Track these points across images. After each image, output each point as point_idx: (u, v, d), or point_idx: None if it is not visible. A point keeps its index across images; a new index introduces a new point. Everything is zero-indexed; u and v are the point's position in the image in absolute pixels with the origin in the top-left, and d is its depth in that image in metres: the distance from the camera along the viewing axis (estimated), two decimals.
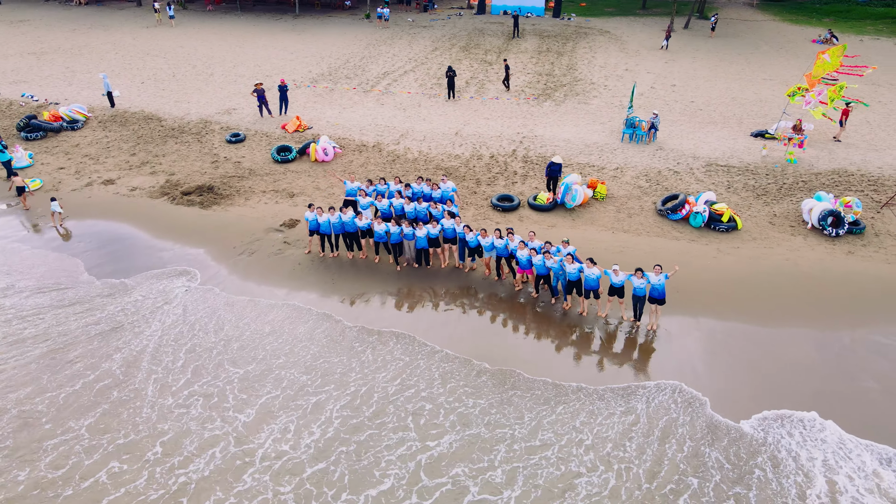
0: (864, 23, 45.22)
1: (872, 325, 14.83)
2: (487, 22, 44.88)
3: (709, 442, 11.46)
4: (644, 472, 10.88)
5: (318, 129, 24.98)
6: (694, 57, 36.13)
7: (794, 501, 10.31)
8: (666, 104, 28.04)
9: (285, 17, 46.14)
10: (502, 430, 11.78)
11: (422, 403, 12.37)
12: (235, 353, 13.66)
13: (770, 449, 11.28)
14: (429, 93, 29.61)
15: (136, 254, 17.36)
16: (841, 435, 11.59)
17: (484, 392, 12.73)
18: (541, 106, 28.07)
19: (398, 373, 13.18)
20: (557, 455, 11.22)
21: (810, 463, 10.98)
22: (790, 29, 43.46)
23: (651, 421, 11.95)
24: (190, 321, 14.67)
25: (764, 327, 14.58)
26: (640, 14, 48.66)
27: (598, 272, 14.47)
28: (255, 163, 22.56)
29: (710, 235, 18.33)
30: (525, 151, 23.18)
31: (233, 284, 16.11)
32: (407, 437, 11.54)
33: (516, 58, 35.66)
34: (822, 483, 10.61)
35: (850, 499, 10.31)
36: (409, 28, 42.61)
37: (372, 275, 16.68)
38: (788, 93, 23.90)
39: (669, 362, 13.58)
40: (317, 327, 14.58)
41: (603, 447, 11.39)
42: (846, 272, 16.83)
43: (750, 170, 21.73)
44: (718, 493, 10.44)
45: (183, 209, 19.73)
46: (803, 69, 33.59)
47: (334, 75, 32.24)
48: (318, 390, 12.65)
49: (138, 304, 15.17)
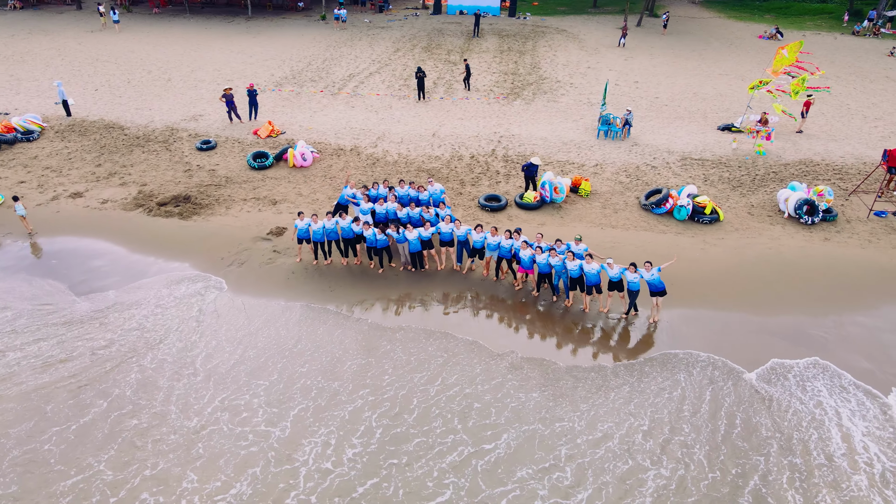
0: (804, 18, 47.34)
1: (857, 305, 15.56)
2: (445, 22, 44.87)
3: (748, 403, 11.83)
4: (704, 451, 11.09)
5: (291, 134, 24.43)
6: (651, 54, 37.05)
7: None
8: (632, 100, 28.64)
9: (237, 20, 44.96)
10: (561, 424, 11.78)
11: (468, 402, 12.21)
12: (254, 361, 13.22)
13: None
14: (398, 94, 29.38)
15: (118, 270, 16.54)
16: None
17: (532, 384, 12.73)
18: (511, 105, 28.24)
19: (436, 372, 12.99)
20: (620, 447, 11.31)
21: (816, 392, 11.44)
22: (736, 26, 45.10)
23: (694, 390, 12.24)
24: (200, 331, 14.12)
25: (759, 314, 15.06)
26: (593, 12, 49.58)
27: (597, 267, 14.65)
28: (231, 170, 21.88)
29: (695, 228, 18.81)
30: (504, 151, 23.27)
31: (227, 296, 15.56)
32: (458, 440, 11.33)
33: (479, 57, 35.78)
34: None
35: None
36: (368, 29, 42.18)
37: (368, 280, 16.41)
38: (751, 87, 24.79)
39: (687, 337, 14.15)
40: (335, 329, 14.32)
41: (661, 432, 11.60)
42: (826, 257, 17.57)
43: (723, 163, 22.44)
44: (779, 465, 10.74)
45: (161, 221, 18.94)
46: (754, 64, 35.00)
47: (298, 78, 31.60)
48: (352, 397, 12.32)
49: (139, 320, 14.47)
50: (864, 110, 28.08)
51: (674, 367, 13.39)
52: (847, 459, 11.12)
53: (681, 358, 13.68)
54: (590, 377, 13.15)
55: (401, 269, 16.83)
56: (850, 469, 10.93)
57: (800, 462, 11.07)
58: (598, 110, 27.23)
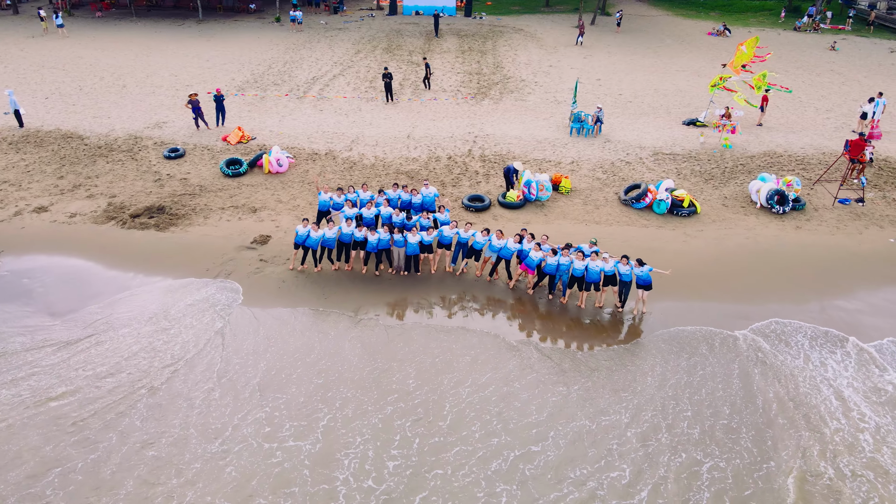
0: (746, 15, 49.25)
1: (833, 288, 16.31)
2: (402, 23, 44.70)
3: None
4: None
5: (262, 140, 23.89)
6: (609, 52, 37.85)
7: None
8: (597, 97, 29.18)
9: (188, 23, 43.65)
10: (607, 418, 11.91)
11: (505, 402, 12.15)
12: (268, 373, 12.90)
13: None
14: (365, 96, 29.11)
15: (98, 287, 15.80)
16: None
17: (569, 377, 12.90)
18: (480, 105, 28.37)
19: (465, 372, 12.92)
20: (670, 438, 11.52)
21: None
22: (685, 23, 46.54)
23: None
24: (202, 345, 13.66)
25: (743, 302, 15.60)
26: (546, 11, 50.29)
27: (601, 265, 14.89)
28: (204, 178, 21.23)
29: (674, 221, 19.32)
30: (481, 151, 23.36)
31: (229, 306, 15.10)
32: (502, 443, 11.24)
33: (441, 58, 35.82)
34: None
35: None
36: (325, 31, 41.62)
37: (362, 286, 16.19)
38: (712, 84, 25.66)
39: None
40: (348, 332, 14.14)
41: (705, 416, 11.90)
42: (800, 245, 18.35)
43: (693, 156, 23.12)
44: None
45: (137, 233, 18.22)
46: (707, 60, 36.21)
47: (260, 82, 30.92)
48: (379, 406, 12.11)
49: (134, 339, 13.86)
50: (814, 102, 29.41)
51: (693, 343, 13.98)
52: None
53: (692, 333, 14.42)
54: (621, 363, 13.52)
55: (393, 273, 16.67)
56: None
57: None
58: (565, 108, 27.66)
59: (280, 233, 18.28)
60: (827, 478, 10.77)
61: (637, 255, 15.35)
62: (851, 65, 35.75)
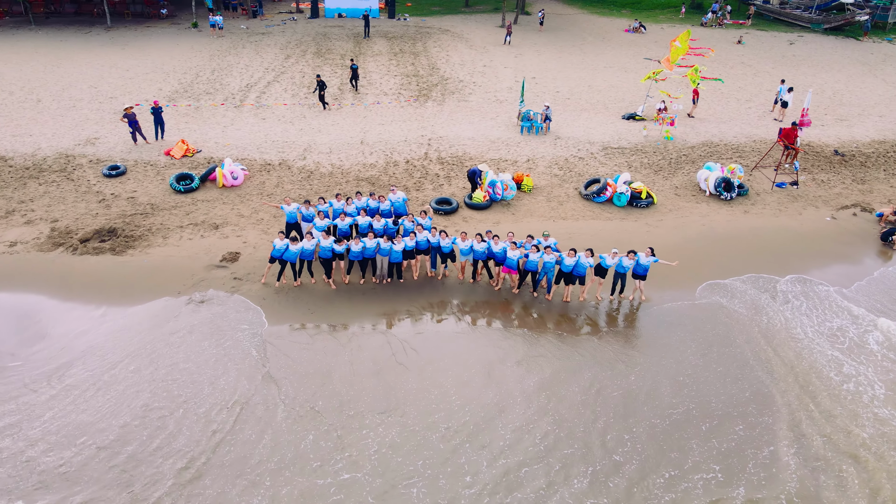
0: (655, 12, 51.77)
1: (788, 266, 17.57)
2: (327, 26, 43.87)
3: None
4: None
5: (208, 153, 22.83)
6: (537, 50, 38.78)
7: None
8: (536, 96, 29.86)
9: (95, 30, 40.91)
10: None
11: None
12: (296, 402, 12.39)
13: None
14: (306, 103, 28.40)
15: (61, 324, 14.59)
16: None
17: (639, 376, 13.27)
18: (424, 107, 28.36)
19: (501, 399, 12.74)
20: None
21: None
22: (601, 21, 48.37)
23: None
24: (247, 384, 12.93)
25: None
26: (467, 11, 50.80)
27: (591, 261, 15.30)
28: (153, 196, 20.05)
29: (635, 213, 20.14)
30: (437, 153, 23.38)
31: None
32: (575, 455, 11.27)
33: (374, 60, 35.49)
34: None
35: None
36: (247, 36, 40.19)
37: (345, 297, 15.87)
38: (645, 79, 26.82)
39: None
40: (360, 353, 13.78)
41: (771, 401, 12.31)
42: (750, 228, 19.62)
43: (640, 149, 24.15)
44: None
45: (91, 259, 16.97)
46: (629, 56, 37.87)
47: (191, 91, 29.50)
48: (438, 437, 11.77)
49: (146, 381, 12.90)
50: (734, 94, 31.41)
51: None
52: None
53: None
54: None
55: (376, 282, 16.43)
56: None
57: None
58: (509, 107, 28.16)
59: (249, 249, 17.59)
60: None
61: (608, 248, 15.82)
62: (758, 57, 38.42)
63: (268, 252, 17.05)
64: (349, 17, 46.22)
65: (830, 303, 15.99)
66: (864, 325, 15.14)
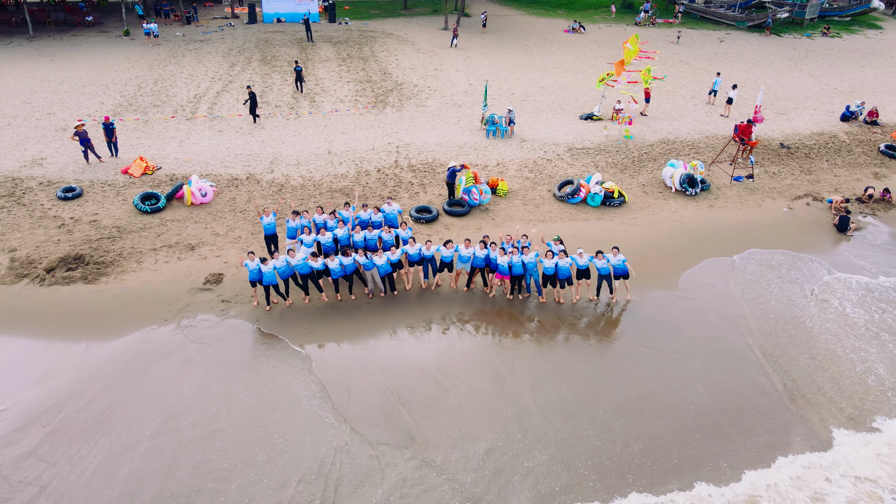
0: (589, 12, 53.20)
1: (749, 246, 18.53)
2: (267, 31, 42.77)
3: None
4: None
5: (169, 169, 21.87)
6: (485, 53, 39.16)
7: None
8: (493, 98, 30.16)
9: (17, 40, 38.36)
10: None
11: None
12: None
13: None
14: (263, 113, 27.60)
15: (34, 366, 13.64)
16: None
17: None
18: (384, 114, 28.16)
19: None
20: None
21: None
22: (540, 21, 49.31)
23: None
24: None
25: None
26: (406, 14, 50.68)
27: (568, 261, 15.61)
28: (118, 218, 19.03)
29: (610, 212, 20.70)
30: (407, 161, 23.27)
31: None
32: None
33: (324, 66, 34.91)
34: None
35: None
36: (185, 44, 38.66)
37: (343, 314, 15.58)
38: (600, 80, 27.57)
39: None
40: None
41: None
42: (717, 221, 20.54)
43: (603, 149, 24.82)
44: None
45: (62, 290, 15.94)
46: (574, 56, 38.83)
47: (136, 104, 28.15)
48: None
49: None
50: (678, 91, 32.75)
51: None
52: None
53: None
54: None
55: (370, 296, 16.21)
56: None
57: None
58: (468, 111, 28.36)
59: (231, 269, 16.98)
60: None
61: (592, 249, 16.15)
62: (694, 55, 40.19)
63: None
64: (288, 22, 45.30)
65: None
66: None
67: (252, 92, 26.09)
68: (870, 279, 17.66)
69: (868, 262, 18.49)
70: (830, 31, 47.02)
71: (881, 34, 48.19)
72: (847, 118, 28.47)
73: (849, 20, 50.64)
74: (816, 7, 48.91)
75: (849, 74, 37.30)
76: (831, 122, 28.63)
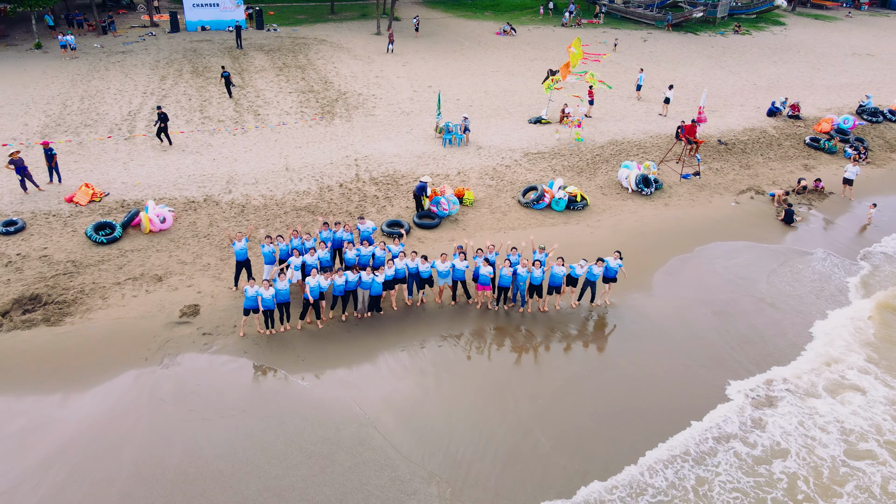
0: (516, 13, 54.17)
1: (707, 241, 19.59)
2: (192, 41, 40.98)
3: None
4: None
5: (118, 195, 20.66)
6: (422, 58, 39.16)
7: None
8: (443, 105, 30.23)
9: None
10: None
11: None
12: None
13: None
14: (205, 129, 26.55)
15: (12, 422, 12.63)
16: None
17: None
18: (333, 125, 27.69)
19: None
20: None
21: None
22: (470, 24, 49.76)
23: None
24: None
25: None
26: (334, 19, 49.89)
27: (563, 270, 15.97)
28: (70, 252, 17.80)
29: (575, 216, 21.27)
30: (368, 174, 23.01)
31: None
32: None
33: (261, 77, 33.88)
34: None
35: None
36: (106, 56, 36.48)
37: (332, 339, 15.27)
38: (546, 85, 28.25)
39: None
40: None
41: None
42: (675, 219, 21.57)
43: (557, 152, 25.43)
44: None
45: (24, 335, 14.77)
46: (510, 59, 39.50)
47: (65, 125, 26.35)
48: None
49: None
50: (615, 91, 33.88)
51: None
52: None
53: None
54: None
55: (359, 317, 15.97)
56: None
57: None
58: (419, 119, 28.34)
59: (206, 298, 16.28)
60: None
61: (565, 254, 16.60)
62: (622, 55, 41.75)
63: (229, 301, 16.04)
64: (214, 30, 43.63)
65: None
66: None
67: (162, 113, 24.34)
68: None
69: (815, 248, 19.95)
70: (742, 29, 50.01)
71: (785, 31, 51.75)
72: (773, 113, 30.46)
73: (755, 17, 54.05)
74: (726, 6, 51.91)
75: (764, 70, 39.86)
76: (759, 118, 30.53)
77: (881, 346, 15.68)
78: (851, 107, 32.51)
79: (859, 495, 11.65)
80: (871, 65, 42.81)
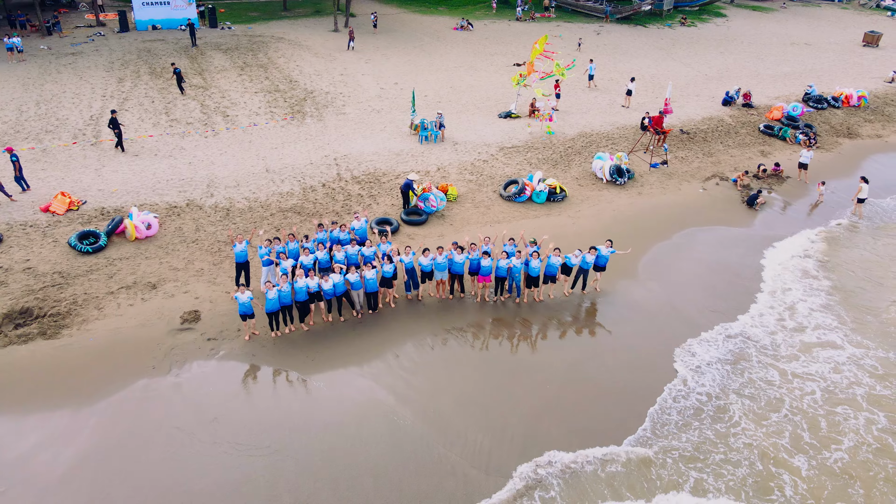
0: (469, 8, 54.62)
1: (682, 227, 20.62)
2: (144, 40, 39.79)
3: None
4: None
5: (95, 202, 20.17)
6: (384, 55, 39.18)
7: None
8: (407, 102, 30.47)
9: None
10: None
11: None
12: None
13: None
14: (176, 132, 26.04)
15: (15, 447, 12.39)
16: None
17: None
18: (305, 125, 27.58)
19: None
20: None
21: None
22: (427, 20, 49.95)
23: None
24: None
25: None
26: (288, 16, 49.24)
27: (559, 260, 16.59)
28: (55, 263, 17.34)
29: (557, 207, 21.96)
30: (349, 173, 23.11)
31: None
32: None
33: (223, 77, 33.31)
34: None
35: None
36: (55, 58, 35.09)
37: (339, 338, 15.49)
38: (515, 82, 28.82)
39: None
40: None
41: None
42: (650, 207, 22.51)
43: (531, 146, 26.09)
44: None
45: (20, 350, 14.41)
46: (470, 54, 39.97)
47: (24, 132, 25.39)
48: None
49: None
50: (573, 84, 34.80)
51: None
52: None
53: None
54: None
55: (359, 316, 16.19)
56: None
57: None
58: (390, 116, 28.54)
59: (206, 304, 16.21)
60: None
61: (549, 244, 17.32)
62: (574, 46, 42.74)
63: (230, 305, 16.01)
64: (165, 29, 42.48)
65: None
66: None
67: (114, 118, 23.65)
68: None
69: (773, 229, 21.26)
70: (688, 21, 51.93)
71: (727, 22, 54.00)
72: (728, 102, 31.96)
73: (698, 10, 56.16)
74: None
75: (712, 60, 41.62)
76: (715, 107, 31.99)
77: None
78: (797, 95, 34.39)
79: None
80: (809, 53, 45.24)
